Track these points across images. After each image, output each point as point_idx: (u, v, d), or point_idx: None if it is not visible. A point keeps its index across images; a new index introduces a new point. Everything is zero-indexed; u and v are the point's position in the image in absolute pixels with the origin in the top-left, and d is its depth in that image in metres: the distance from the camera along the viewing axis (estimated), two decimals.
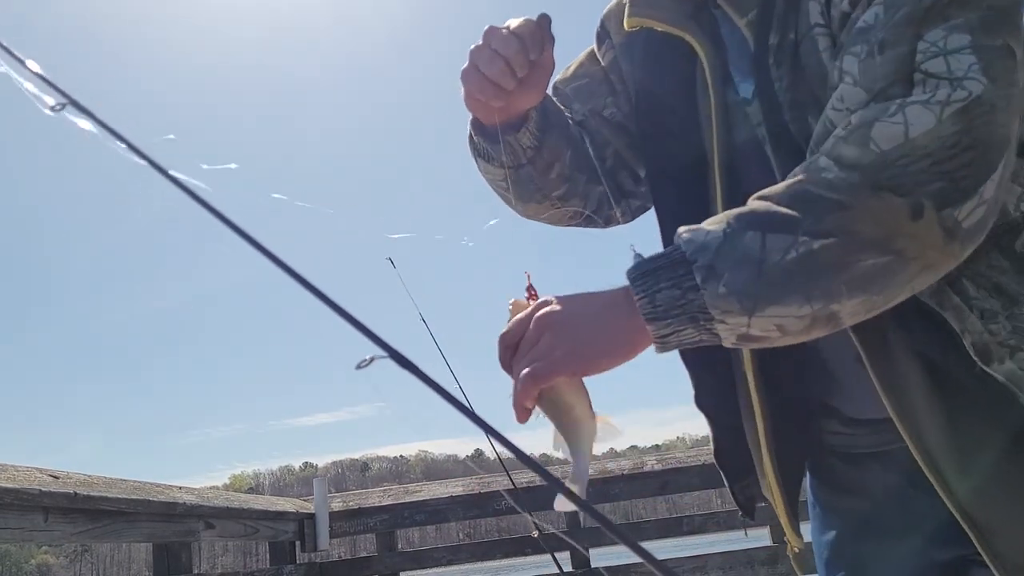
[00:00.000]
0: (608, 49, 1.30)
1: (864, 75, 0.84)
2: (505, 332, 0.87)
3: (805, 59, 0.95)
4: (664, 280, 0.81)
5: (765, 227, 0.79)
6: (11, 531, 1.91)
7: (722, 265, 0.79)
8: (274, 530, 3.31)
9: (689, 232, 0.83)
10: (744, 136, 1.07)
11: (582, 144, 1.27)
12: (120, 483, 2.40)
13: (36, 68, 0.73)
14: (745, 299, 0.78)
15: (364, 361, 0.61)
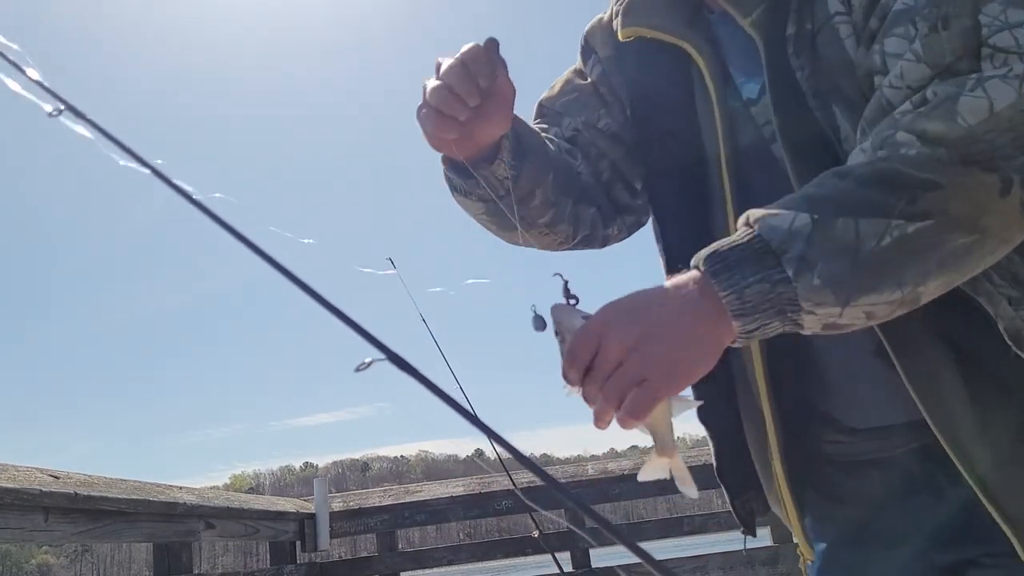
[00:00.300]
0: (595, 64, 1.28)
1: (929, 51, 0.82)
2: (574, 351, 0.80)
3: (823, 49, 0.94)
4: (751, 274, 0.76)
5: (857, 212, 0.76)
6: (11, 531, 1.91)
7: (815, 255, 0.75)
8: (274, 530, 3.31)
9: (766, 218, 0.79)
10: (748, 139, 1.05)
11: (567, 165, 1.22)
12: (120, 483, 2.40)
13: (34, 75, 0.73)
14: (840, 290, 0.75)
15: (363, 364, 0.61)
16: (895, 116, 0.82)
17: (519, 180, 1.12)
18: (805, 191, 0.81)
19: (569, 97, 1.29)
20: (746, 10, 1.02)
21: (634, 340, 0.77)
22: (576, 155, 1.25)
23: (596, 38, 1.29)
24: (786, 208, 0.79)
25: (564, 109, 1.29)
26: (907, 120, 0.80)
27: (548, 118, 1.31)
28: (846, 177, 0.80)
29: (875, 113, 0.86)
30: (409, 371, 0.61)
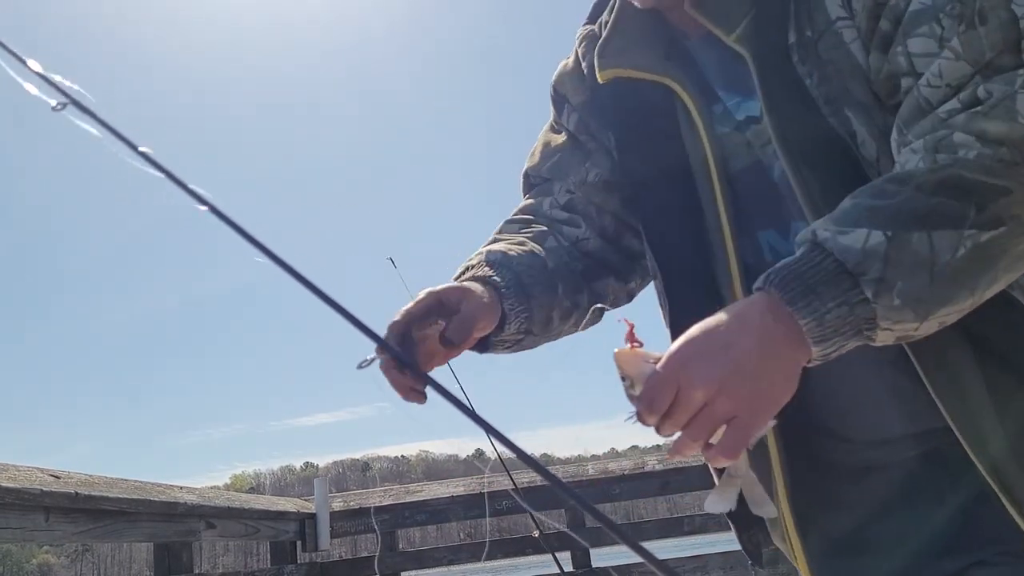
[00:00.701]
0: (570, 112, 1.24)
1: (968, 48, 0.81)
2: (652, 401, 0.76)
3: (828, 54, 0.93)
4: (830, 298, 0.74)
5: (929, 224, 0.75)
6: (12, 531, 1.91)
7: (894, 275, 0.74)
8: (275, 530, 3.32)
9: (836, 236, 0.76)
10: (741, 164, 1.03)
11: (568, 262, 1.17)
12: (121, 483, 2.41)
13: (37, 67, 0.73)
14: (920, 306, 0.75)
15: (365, 361, 0.61)
16: (940, 115, 0.81)
17: (532, 318, 1.09)
18: (866, 202, 0.78)
19: (553, 160, 1.25)
20: (729, 26, 1.00)
21: (717, 382, 0.74)
22: (578, 222, 1.21)
23: (566, 86, 1.25)
24: (853, 223, 0.76)
25: (552, 174, 1.25)
26: (962, 120, 0.79)
27: (538, 188, 1.26)
28: (907, 184, 0.78)
29: (913, 112, 0.85)
30: (411, 368, 0.61)
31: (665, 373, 0.76)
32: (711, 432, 0.76)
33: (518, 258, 1.11)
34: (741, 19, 0.98)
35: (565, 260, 1.17)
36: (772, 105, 0.95)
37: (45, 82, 0.71)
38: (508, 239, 1.17)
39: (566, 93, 1.25)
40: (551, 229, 1.20)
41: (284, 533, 3.39)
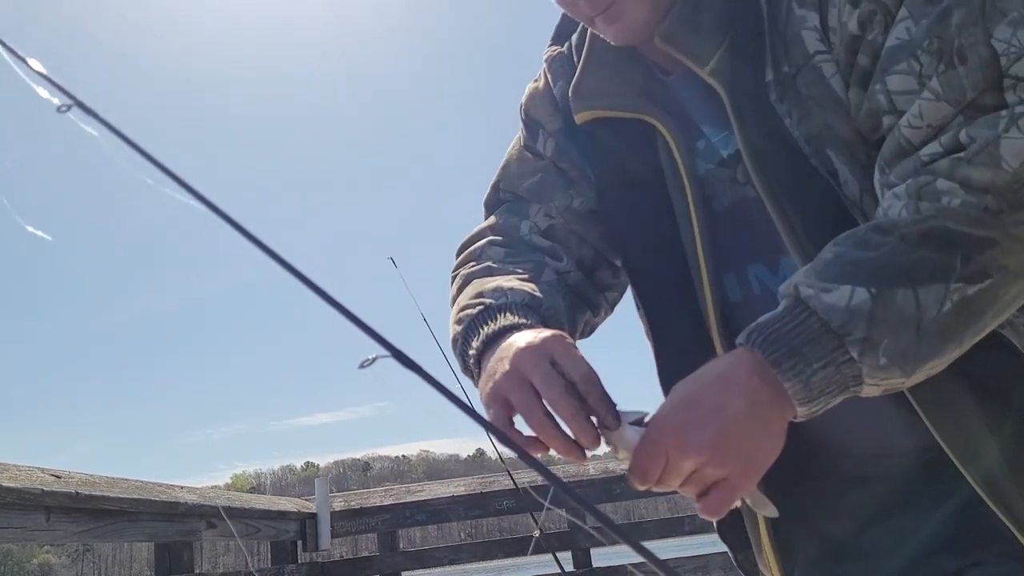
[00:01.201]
0: (546, 138, 1.17)
1: (948, 88, 0.79)
2: (643, 470, 0.76)
3: (806, 89, 0.90)
4: (815, 360, 0.73)
5: (914, 280, 0.73)
6: (13, 530, 1.91)
7: (879, 334, 0.72)
8: (276, 530, 3.32)
9: (819, 294, 0.75)
10: (727, 201, 1.01)
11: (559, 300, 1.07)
12: (122, 482, 2.41)
13: (41, 69, 0.73)
14: (907, 363, 0.74)
15: (367, 360, 0.61)
16: (922, 158, 0.80)
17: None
18: (849, 254, 0.77)
19: (532, 179, 1.18)
20: (702, 59, 0.96)
21: (708, 451, 0.74)
22: (558, 253, 1.13)
23: (539, 111, 1.19)
24: (836, 278, 0.75)
25: (530, 194, 1.17)
26: (945, 166, 0.77)
27: (510, 206, 1.18)
28: (891, 234, 0.76)
29: (894, 153, 0.83)
30: (413, 367, 0.61)
31: (654, 444, 0.76)
32: (701, 491, 0.77)
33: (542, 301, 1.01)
34: (714, 51, 0.96)
35: (559, 298, 1.09)
36: (750, 145, 0.93)
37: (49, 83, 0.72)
38: (518, 276, 1.05)
39: (539, 119, 1.19)
40: (539, 258, 1.12)
41: (285, 533, 3.39)
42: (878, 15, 0.85)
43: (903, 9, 0.83)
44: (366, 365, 0.60)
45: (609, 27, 0.99)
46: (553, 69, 1.18)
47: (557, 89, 1.17)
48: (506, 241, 1.14)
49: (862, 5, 0.85)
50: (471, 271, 1.09)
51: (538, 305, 0.98)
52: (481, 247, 1.13)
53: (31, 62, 0.75)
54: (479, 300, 0.98)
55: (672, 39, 0.98)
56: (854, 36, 0.87)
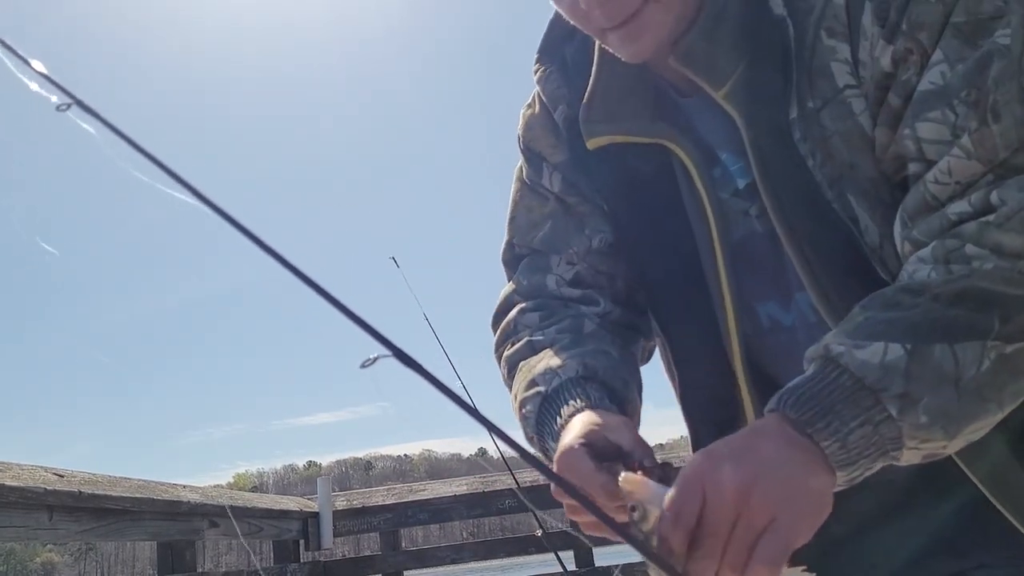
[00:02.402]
0: (551, 172, 1.10)
1: (980, 147, 0.76)
2: (677, 506, 0.66)
3: (833, 124, 0.86)
4: (851, 418, 0.69)
5: (951, 336, 0.71)
6: (16, 529, 1.92)
7: (918, 390, 0.69)
8: (278, 529, 3.32)
9: (850, 351, 0.71)
10: (741, 232, 0.98)
11: (610, 344, 1.04)
12: (124, 481, 2.41)
13: (41, 68, 0.73)
14: (949, 423, 0.70)
15: (368, 360, 0.61)
16: (950, 217, 0.78)
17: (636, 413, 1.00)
18: (879, 314, 0.74)
19: (544, 230, 1.11)
20: (718, 80, 0.91)
21: (748, 480, 0.65)
22: (593, 298, 1.08)
23: (540, 142, 1.11)
24: (868, 336, 0.72)
25: (545, 246, 1.11)
26: (974, 231, 0.75)
27: (530, 262, 1.12)
28: (922, 294, 0.74)
29: (919, 206, 0.81)
30: (414, 367, 0.61)
31: (688, 481, 0.67)
32: (752, 548, 0.65)
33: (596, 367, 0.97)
34: (730, 74, 0.90)
35: (610, 348, 1.03)
36: (771, 188, 0.90)
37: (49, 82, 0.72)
38: (561, 346, 1.00)
39: (541, 151, 1.11)
40: (575, 311, 1.07)
41: (287, 532, 3.39)
42: (914, 54, 0.81)
43: (939, 51, 0.80)
44: (368, 365, 0.60)
45: (628, 44, 0.91)
46: (549, 92, 1.10)
47: (558, 114, 1.08)
48: (538, 304, 1.09)
49: (897, 42, 0.82)
50: (513, 352, 1.04)
51: (592, 374, 0.94)
52: (515, 319, 1.09)
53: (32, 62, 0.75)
54: (534, 390, 0.95)
55: (687, 58, 0.93)
56: (886, 73, 0.83)
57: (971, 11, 0.79)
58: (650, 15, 0.88)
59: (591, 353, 0.97)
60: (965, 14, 0.79)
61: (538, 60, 1.12)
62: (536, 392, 0.95)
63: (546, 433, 0.93)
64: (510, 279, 1.15)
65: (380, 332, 0.63)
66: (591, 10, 0.88)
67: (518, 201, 1.15)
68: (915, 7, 0.81)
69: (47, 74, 0.73)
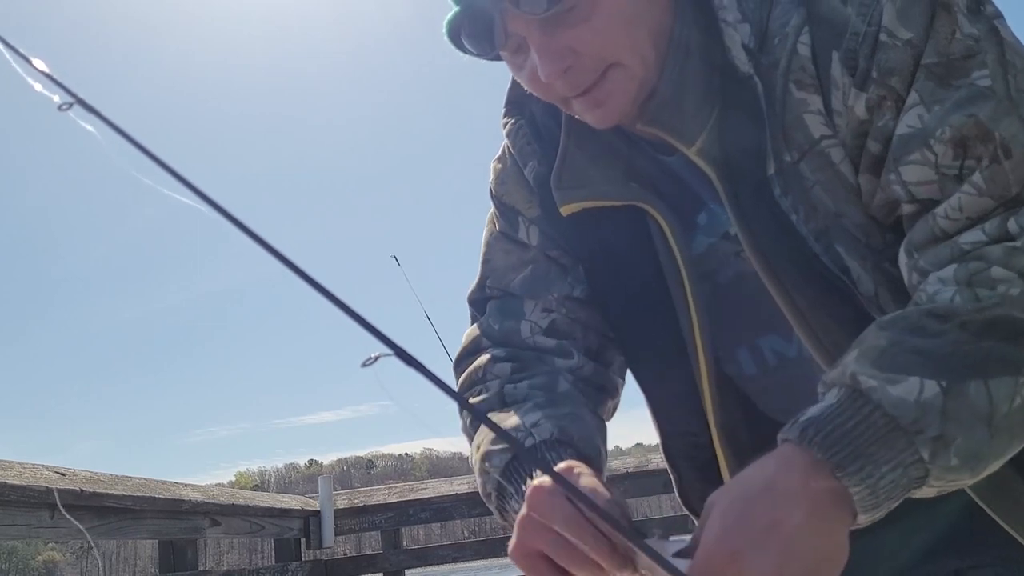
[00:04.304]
0: (527, 226, 1.08)
1: (992, 184, 0.76)
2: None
3: (813, 175, 0.86)
4: (884, 462, 0.66)
5: (984, 372, 0.68)
6: (18, 528, 1.92)
7: (953, 432, 0.66)
8: (279, 527, 3.33)
9: (882, 383, 0.67)
10: (733, 271, 0.97)
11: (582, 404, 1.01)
12: (126, 480, 2.42)
13: (43, 67, 0.73)
14: (978, 463, 0.68)
15: (370, 359, 0.61)
16: (962, 246, 0.77)
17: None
18: (906, 341, 0.70)
19: (523, 273, 1.08)
20: (688, 138, 0.90)
21: (776, 571, 0.63)
22: (568, 350, 1.05)
23: (513, 196, 1.09)
24: (901, 369, 0.68)
25: (523, 290, 1.07)
26: (999, 254, 0.73)
27: (503, 305, 1.08)
28: (950, 321, 0.71)
29: (926, 239, 0.80)
30: (416, 366, 0.61)
31: (710, 563, 0.64)
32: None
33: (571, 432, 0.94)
34: (700, 130, 0.90)
35: (584, 411, 1.00)
36: (757, 247, 0.89)
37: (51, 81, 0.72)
38: (535, 403, 0.96)
39: (515, 204, 1.09)
40: (549, 366, 1.04)
41: (288, 531, 3.39)
42: (888, 100, 0.81)
43: (913, 94, 0.80)
44: (369, 364, 0.60)
45: (592, 110, 0.91)
46: (519, 148, 1.07)
47: (528, 170, 1.06)
48: (510, 353, 1.05)
49: (870, 89, 0.82)
50: (481, 401, 0.99)
51: (568, 439, 0.91)
52: (484, 366, 1.04)
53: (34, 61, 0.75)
54: (502, 446, 0.91)
55: (655, 120, 0.92)
56: (862, 121, 0.83)
57: (942, 52, 0.79)
58: (612, 82, 0.88)
59: (567, 416, 0.94)
60: (936, 55, 0.79)
61: (506, 112, 1.09)
62: (504, 448, 0.91)
63: (509, 494, 0.89)
64: (475, 321, 1.12)
65: (381, 331, 0.63)
66: (552, 82, 0.88)
67: (492, 244, 1.12)
68: (883, 54, 0.81)
69: (49, 73, 0.73)
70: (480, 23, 0.87)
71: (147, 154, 0.68)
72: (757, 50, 0.87)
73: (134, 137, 0.69)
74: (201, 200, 0.67)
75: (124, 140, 0.70)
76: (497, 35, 0.87)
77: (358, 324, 0.63)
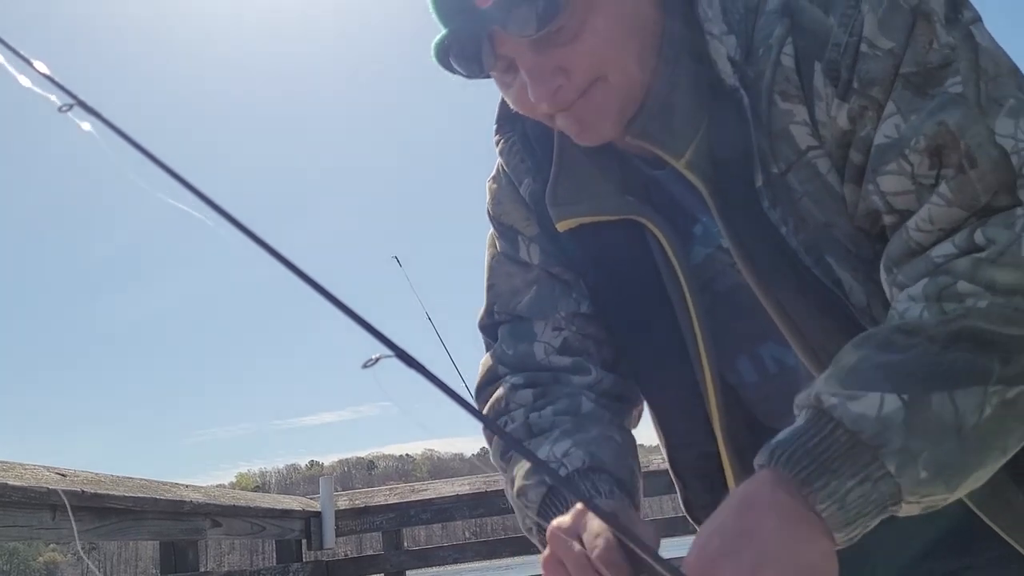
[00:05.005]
0: (528, 244, 1.08)
1: (960, 193, 0.75)
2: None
3: (801, 186, 0.86)
4: (849, 476, 0.67)
5: (949, 384, 0.68)
6: (19, 529, 1.92)
7: (917, 444, 0.66)
8: (280, 528, 3.32)
9: (845, 402, 0.69)
10: (731, 281, 0.96)
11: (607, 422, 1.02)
12: (127, 481, 2.42)
13: (43, 68, 0.73)
14: (951, 476, 0.68)
15: (370, 360, 0.61)
16: (935, 259, 0.76)
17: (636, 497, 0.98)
18: (873, 357, 0.72)
19: (528, 295, 1.07)
20: (676, 150, 0.90)
21: (750, 568, 0.64)
22: (584, 367, 1.05)
23: (511, 216, 1.09)
24: (863, 385, 0.69)
25: (531, 312, 1.07)
26: (965, 267, 0.73)
27: (513, 329, 1.08)
28: (917, 335, 0.71)
29: (902, 253, 0.80)
30: (416, 367, 0.61)
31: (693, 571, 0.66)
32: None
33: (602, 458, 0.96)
34: (688, 144, 0.90)
35: (612, 433, 1.01)
36: (748, 260, 0.89)
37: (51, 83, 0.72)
38: (563, 430, 0.98)
39: (513, 224, 1.09)
40: (569, 387, 1.04)
41: (289, 532, 3.39)
42: (869, 110, 0.81)
43: (891, 104, 0.80)
44: (370, 365, 0.60)
45: (574, 125, 0.92)
46: (512, 166, 1.07)
47: (523, 188, 1.06)
48: (528, 379, 1.05)
49: (851, 100, 0.82)
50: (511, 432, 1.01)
51: (600, 464, 0.92)
52: (506, 396, 1.04)
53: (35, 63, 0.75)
54: (537, 478, 0.93)
55: (644, 133, 0.92)
56: (844, 131, 0.83)
57: (919, 62, 0.79)
58: (595, 97, 0.88)
59: (596, 441, 0.95)
60: (914, 65, 0.79)
61: (498, 130, 1.09)
62: (539, 481, 0.93)
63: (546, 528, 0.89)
64: (488, 348, 1.11)
65: (382, 332, 0.63)
66: (539, 102, 0.88)
67: (495, 268, 1.12)
68: (864, 64, 0.80)
69: (49, 75, 0.73)
70: (469, 45, 0.87)
71: (147, 155, 0.68)
72: (743, 62, 0.87)
73: (134, 138, 0.69)
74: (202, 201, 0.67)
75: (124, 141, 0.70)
76: (486, 57, 0.88)
77: (359, 325, 0.63)
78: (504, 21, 0.83)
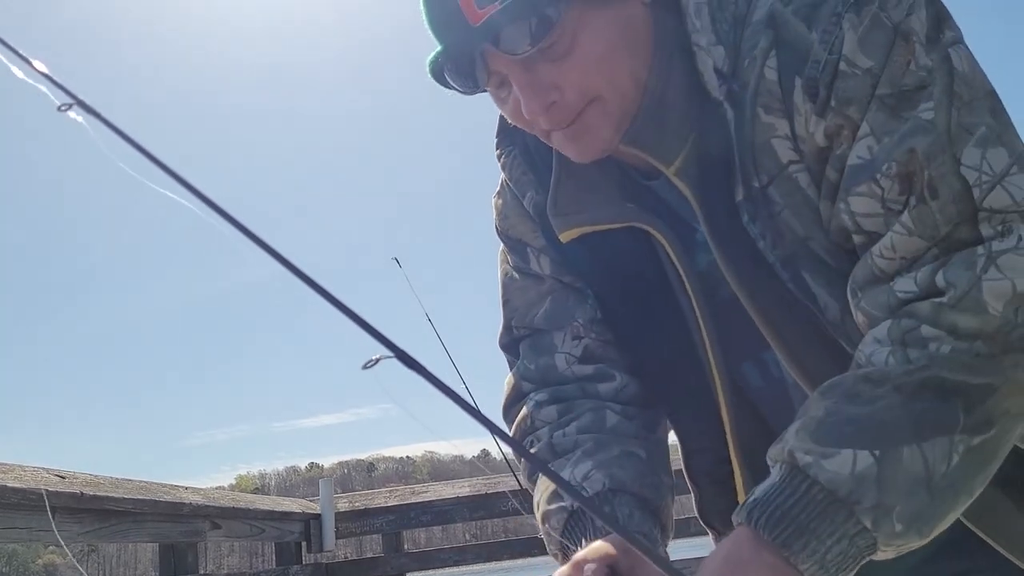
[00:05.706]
0: (537, 256, 1.08)
1: (921, 223, 0.76)
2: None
3: (782, 199, 0.86)
4: (828, 535, 0.69)
5: (918, 436, 0.70)
6: (18, 531, 1.92)
7: (891, 499, 0.68)
8: (280, 530, 3.32)
9: (817, 458, 0.70)
10: (729, 292, 0.96)
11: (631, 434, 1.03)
12: (126, 483, 2.41)
13: (42, 68, 0.73)
14: (923, 526, 0.70)
15: (370, 361, 0.60)
16: (897, 294, 0.78)
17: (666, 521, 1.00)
18: (842, 410, 0.73)
19: (544, 307, 1.08)
20: (667, 157, 0.92)
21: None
22: (607, 373, 1.06)
23: (518, 229, 1.09)
24: (835, 442, 0.71)
25: (547, 324, 1.07)
26: (928, 311, 0.74)
27: (532, 343, 1.09)
28: (883, 385, 0.73)
29: (867, 278, 0.81)
30: (416, 368, 0.61)
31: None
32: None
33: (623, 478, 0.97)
34: (679, 151, 0.91)
35: (635, 447, 1.02)
36: (734, 271, 0.90)
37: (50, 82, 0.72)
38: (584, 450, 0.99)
39: (521, 237, 1.09)
40: (594, 398, 1.05)
41: (289, 534, 3.39)
42: (845, 129, 0.81)
43: (865, 124, 0.80)
44: (369, 366, 0.60)
45: (571, 143, 0.92)
46: (515, 179, 1.08)
47: (527, 201, 1.07)
48: (553, 394, 1.05)
49: (828, 117, 0.82)
50: (535, 454, 1.02)
51: (621, 486, 0.94)
52: (531, 415, 1.05)
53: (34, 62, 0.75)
54: (558, 504, 0.95)
55: (636, 140, 0.93)
56: (821, 148, 0.83)
57: (895, 83, 0.79)
58: (591, 117, 0.89)
59: (617, 460, 0.96)
60: (890, 86, 0.79)
61: (499, 143, 1.10)
62: (560, 507, 0.94)
63: (571, 553, 0.90)
64: (512, 365, 1.11)
65: (382, 333, 0.62)
66: (535, 118, 0.89)
67: (508, 284, 1.12)
68: (841, 82, 0.80)
69: (48, 74, 0.73)
70: (463, 62, 0.88)
71: (146, 155, 0.68)
72: (730, 74, 0.87)
73: (133, 138, 0.69)
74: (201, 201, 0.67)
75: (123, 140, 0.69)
76: (479, 74, 0.89)
77: (359, 326, 0.63)
78: (496, 39, 0.84)
